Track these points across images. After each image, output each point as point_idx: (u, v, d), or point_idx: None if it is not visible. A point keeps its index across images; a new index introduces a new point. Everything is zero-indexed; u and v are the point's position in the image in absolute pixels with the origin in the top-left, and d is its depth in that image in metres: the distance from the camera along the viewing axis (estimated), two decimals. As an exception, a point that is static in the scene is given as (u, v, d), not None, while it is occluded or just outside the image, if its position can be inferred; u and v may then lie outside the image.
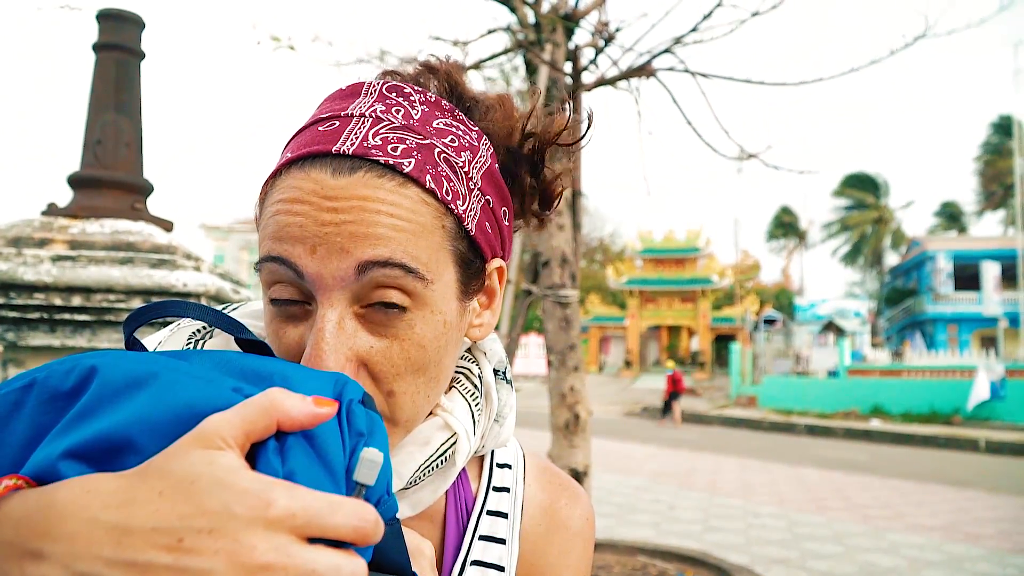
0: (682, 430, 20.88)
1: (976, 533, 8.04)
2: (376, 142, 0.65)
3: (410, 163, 0.65)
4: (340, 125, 0.67)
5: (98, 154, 3.16)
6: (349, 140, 0.65)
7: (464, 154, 0.70)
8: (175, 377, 0.51)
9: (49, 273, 2.73)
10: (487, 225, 0.72)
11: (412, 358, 0.65)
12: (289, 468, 0.47)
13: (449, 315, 0.68)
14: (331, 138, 0.65)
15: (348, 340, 0.63)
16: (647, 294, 43.86)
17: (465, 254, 0.69)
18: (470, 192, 0.69)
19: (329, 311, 0.62)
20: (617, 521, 8.23)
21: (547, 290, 4.58)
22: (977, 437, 16.84)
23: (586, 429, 4.59)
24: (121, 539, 0.42)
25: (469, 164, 0.70)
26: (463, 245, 0.69)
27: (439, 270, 0.66)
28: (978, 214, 47.89)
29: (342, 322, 0.63)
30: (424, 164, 0.65)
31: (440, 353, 0.68)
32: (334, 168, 0.63)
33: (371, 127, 0.66)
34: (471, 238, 0.69)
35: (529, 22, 4.85)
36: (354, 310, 0.64)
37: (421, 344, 0.65)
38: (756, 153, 4.77)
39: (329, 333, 0.62)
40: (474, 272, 0.72)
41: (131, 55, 3.24)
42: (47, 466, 0.47)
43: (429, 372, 0.67)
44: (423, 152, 0.66)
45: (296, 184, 0.64)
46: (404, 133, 0.67)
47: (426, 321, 0.65)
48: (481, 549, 0.79)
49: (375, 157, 0.64)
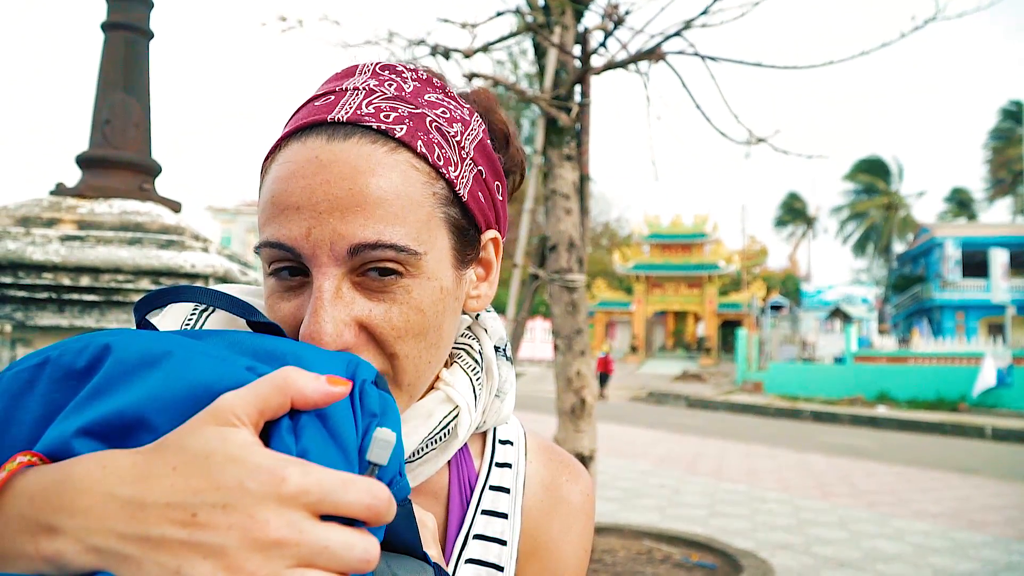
0: (688, 416, 20.89)
1: (981, 520, 8.05)
2: (369, 110, 0.67)
3: (402, 129, 0.67)
4: (335, 98, 0.69)
5: (107, 134, 3.15)
6: (343, 109, 0.67)
7: (456, 125, 0.72)
8: (189, 356, 0.51)
9: (58, 253, 2.74)
10: (480, 195, 0.73)
11: (411, 321, 0.66)
12: (302, 446, 0.47)
13: (445, 281, 0.70)
14: (326, 109, 0.68)
15: (346, 307, 0.64)
16: (653, 279, 43.76)
17: (459, 221, 0.71)
18: (462, 160, 0.71)
19: (326, 281, 0.64)
20: (622, 506, 8.26)
21: (554, 274, 4.57)
22: (983, 424, 16.82)
23: (592, 414, 4.60)
24: (135, 514, 0.42)
25: (461, 135, 0.72)
26: (456, 212, 0.70)
27: (431, 239, 0.67)
28: (988, 200, 47.62)
29: (339, 290, 0.64)
30: (416, 131, 0.68)
31: (439, 318, 0.69)
32: (329, 135, 0.66)
33: (364, 98, 0.69)
34: (464, 205, 0.71)
35: (539, 4, 4.82)
36: (351, 278, 0.65)
37: (419, 308, 0.67)
38: (765, 137, 4.74)
39: (327, 301, 0.63)
40: (469, 241, 0.73)
41: (140, 35, 3.23)
42: (61, 443, 0.47)
43: (429, 336, 0.69)
44: (415, 120, 0.68)
45: (292, 156, 0.66)
46: (396, 103, 0.69)
47: (422, 287, 0.67)
48: (484, 523, 0.80)
49: (368, 123, 0.66)
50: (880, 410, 20.41)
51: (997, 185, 45.90)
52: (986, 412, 19.40)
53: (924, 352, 24.36)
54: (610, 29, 4.82)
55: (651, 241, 43.58)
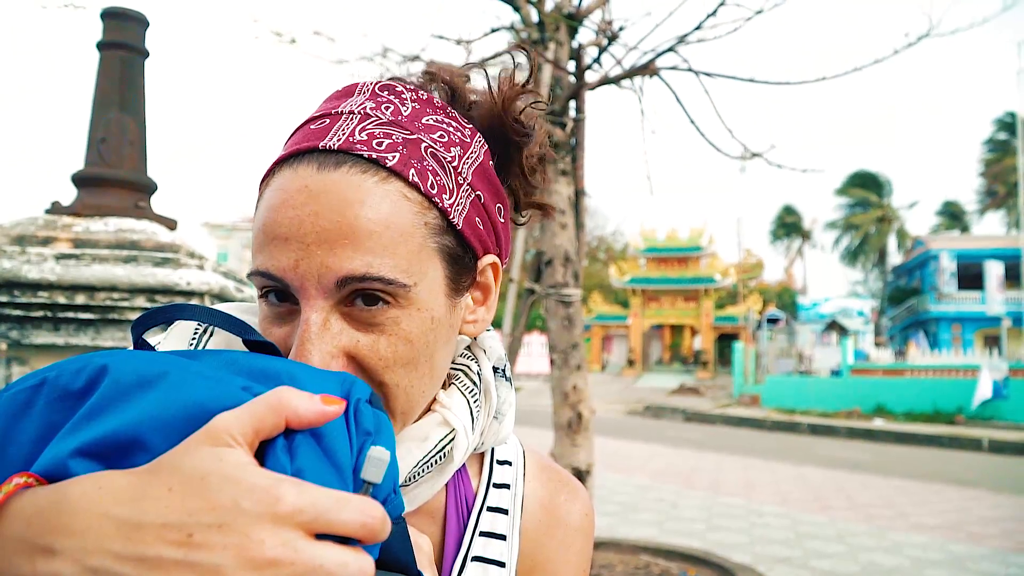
0: (685, 429, 20.85)
1: (979, 533, 8.03)
2: (362, 137, 0.66)
3: (394, 157, 0.66)
4: (330, 122, 0.68)
5: (102, 152, 3.16)
6: (336, 136, 0.66)
7: (454, 149, 0.71)
8: (185, 376, 0.51)
9: (53, 271, 2.74)
10: (477, 220, 0.72)
11: (400, 352, 0.66)
12: (297, 466, 0.47)
13: (436, 311, 0.69)
14: (319, 135, 0.67)
15: (333, 338, 0.64)
16: (650, 293, 43.76)
17: (453, 249, 0.70)
18: (458, 187, 0.70)
19: (313, 314, 0.63)
20: (620, 520, 8.23)
21: (550, 289, 4.58)
22: (980, 436, 16.80)
23: (589, 428, 4.59)
24: (132, 534, 0.42)
25: (459, 159, 0.71)
26: (450, 240, 0.69)
27: (422, 270, 0.66)
28: (980, 213, 47.76)
29: (327, 322, 0.64)
30: (409, 158, 0.67)
31: (429, 349, 0.69)
32: (319, 163, 0.65)
33: (358, 123, 0.68)
34: (458, 233, 0.70)
35: (532, 20, 4.85)
36: (339, 309, 0.65)
37: (408, 339, 0.66)
38: (760, 152, 4.76)
39: (314, 333, 0.63)
40: (464, 268, 0.72)
41: (135, 53, 3.25)
42: (57, 464, 0.47)
43: (420, 367, 0.68)
44: (408, 147, 0.67)
45: (283, 184, 0.65)
46: (391, 128, 0.68)
47: (411, 318, 0.66)
48: (482, 545, 0.80)
49: (359, 151, 0.65)
50: (877, 423, 20.37)
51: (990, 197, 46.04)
52: (983, 424, 19.37)
53: (920, 364, 24.35)
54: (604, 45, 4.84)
55: (647, 255, 43.62)
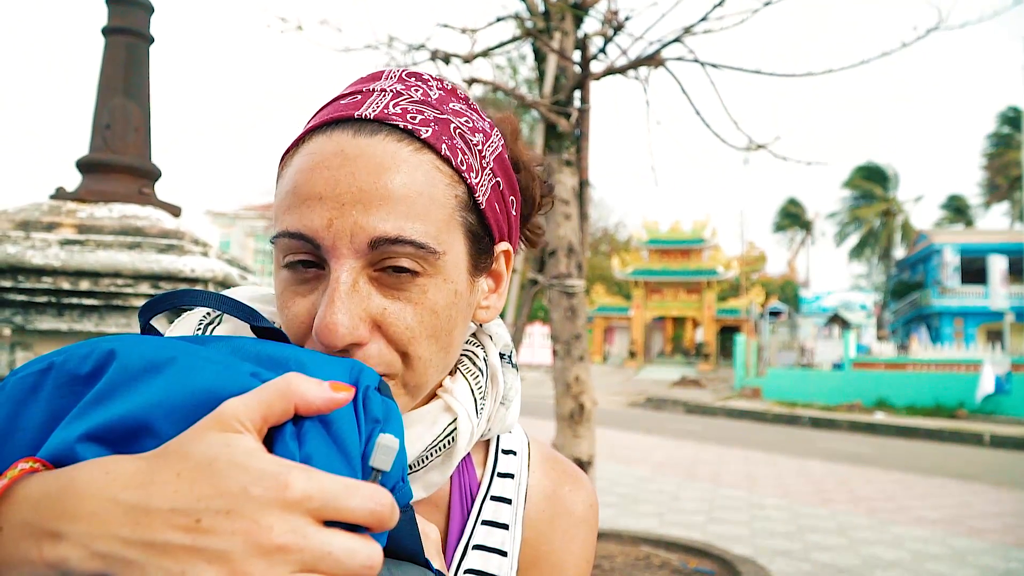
0: (686, 421, 20.87)
1: (980, 527, 8.04)
2: (396, 110, 0.68)
3: (428, 131, 0.67)
4: (363, 97, 0.70)
5: (107, 138, 3.15)
6: (371, 107, 0.68)
7: (478, 135, 0.72)
8: (193, 362, 0.51)
9: (57, 257, 2.74)
10: (496, 205, 0.74)
11: (426, 322, 0.66)
12: (306, 452, 0.47)
13: (460, 286, 0.70)
14: (354, 106, 0.68)
15: (362, 301, 0.64)
16: (652, 285, 43.74)
17: (475, 228, 0.71)
18: (482, 169, 0.72)
19: (343, 273, 0.63)
20: (621, 511, 8.24)
21: (553, 280, 4.58)
22: (982, 431, 16.80)
23: (590, 419, 4.60)
24: (140, 519, 0.42)
25: (483, 144, 0.73)
26: (473, 218, 0.71)
27: (450, 241, 0.67)
28: (984, 206, 47.64)
29: (356, 283, 0.64)
30: (440, 134, 0.68)
31: (451, 322, 0.69)
32: (356, 130, 0.66)
33: (392, 99, 0.69)
34: (481, 212, 0.71)
35: (538, 10, 4.83)
36: (368, 273, 0.65)
37: (434, 309, 0.67)
38: (764, 144, 4.75)
39: (344, 292, 0.63)
40: (483, 249, 0.73)
41: (140, 39, 3.24)
42: (64, 449, 0.47)
43: (441, 339, 0.69)
44: (440, 124, 0.69)
45: (317, 148, 0.66)
46: (422, 106, 0.70)
47: (438, 288, 0.67)
48: (484, 534, 0.80)
49: (394, 122, 0.66)
50: (878, 416, 20.38)
51: (994, 191, 45.92)
52: (985, 419, 19.38)
53: (922, 359, 24.32)
54: (610, 35, 4.83)
55: (650, 246, 43.58)
